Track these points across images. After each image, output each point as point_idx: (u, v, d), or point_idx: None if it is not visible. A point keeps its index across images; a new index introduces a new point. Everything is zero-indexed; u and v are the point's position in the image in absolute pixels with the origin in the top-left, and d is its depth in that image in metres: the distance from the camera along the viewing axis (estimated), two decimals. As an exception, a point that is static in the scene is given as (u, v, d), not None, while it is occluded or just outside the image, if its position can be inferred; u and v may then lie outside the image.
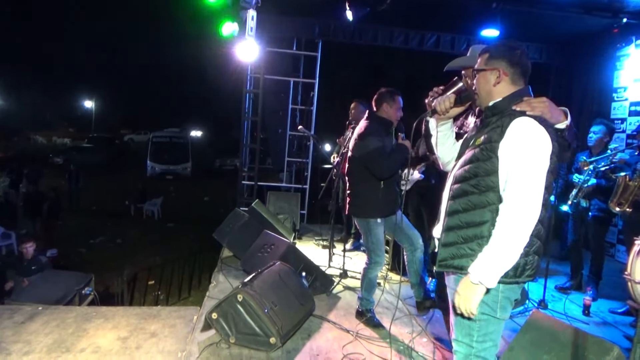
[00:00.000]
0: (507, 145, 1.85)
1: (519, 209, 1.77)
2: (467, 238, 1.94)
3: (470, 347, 1.99)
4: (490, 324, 1.97)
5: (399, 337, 3.48)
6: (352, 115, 5.72)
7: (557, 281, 4.93)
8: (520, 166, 1.80)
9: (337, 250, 5.12)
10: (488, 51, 2.04)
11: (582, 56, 7.19)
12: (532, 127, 1.83)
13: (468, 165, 1.98)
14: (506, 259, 1.79)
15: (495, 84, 1.99)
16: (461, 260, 1.96)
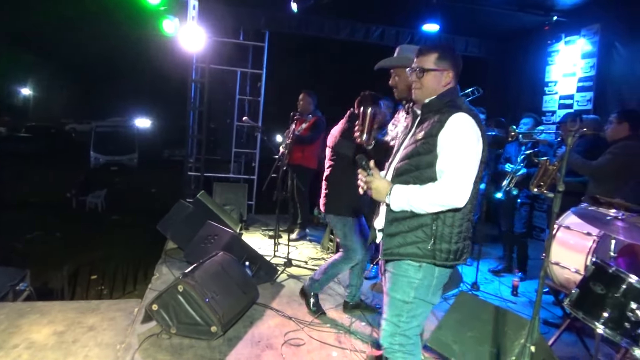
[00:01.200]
0: (445, 136, 1.98)
1: (450, 187, 1.92)
2: (413, 227, 2.06)
3: (397, 327, 2.12)
4: (420, 306, 2.11)
5: (339, 322, 3.60)
6: (301, 106, 5.77)
7: (490, 265, 5.24)
8: (456, 153, 1.94)
9: (283, 240, 5.19)
10: (436, 51, 2.11)
11: (517, 51, 7.58)
12: (468, 121, 1.98)
13: (409, 159, 2.08)
14: (414, 205, 1.97)
15: (445, 84, 2.10)
16: (407, 248, 2.07)
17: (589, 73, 6.12)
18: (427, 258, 2.04)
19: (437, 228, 2.02)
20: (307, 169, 5.84)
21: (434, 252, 2.03)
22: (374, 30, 7.46)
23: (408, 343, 2.13)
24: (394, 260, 2.14)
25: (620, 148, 3.87)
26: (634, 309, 1.93)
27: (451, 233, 2.02)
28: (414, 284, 2.08)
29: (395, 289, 2.12)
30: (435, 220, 2.01)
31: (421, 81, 2.11)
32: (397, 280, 2.12)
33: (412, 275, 2.08)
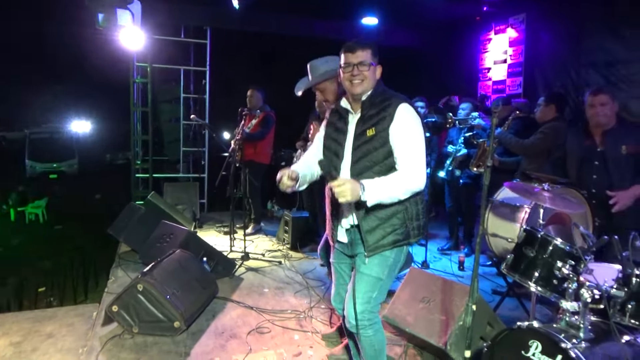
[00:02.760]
0: (397, 127, 2.12)
1: (413, 173, 2.08)
2: (387, 216, 2.19)
3: (368, 303, 2.25)
4: (388, 283, 2.30)
5: (299, 308, 3.73)
6: (249, 102, 5.82)
7: (438, 244, 5.55)
8: (411, 141, 2.11)
9: (239, 236, 5.25)
10: (372, 47, 2.22)
11: (453, 41, 7.95)
12: (411, 110, 2.17)
13: (365, 157, 2.18)
14: (387, 195, 2.05)
15: (379, 76, 2.25)
16: (389, 237, 2.20)
17: (518, 59, 6.55)
18: (405, 240, 2.21)
19: (409, 210, 2.19)
20: (259, 165, 5.91)
21: (409, 232, 2.21)
22: (317, 25, 7.59)
23: (374, 317, 2.30)
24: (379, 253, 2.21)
25: (549, 128, 4.22)
26: (559, 267, 2.18)
27: (418, 211, 2.23)
28: (388, 262, 2.24)
29: (372, 268, 2.23)
30: (404, 204, 2.17)
31: (364, 73, 2.17)
32: (373, 260, 2.22)
33: (388, 255, 2.23)
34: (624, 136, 3.30)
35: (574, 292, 2.12)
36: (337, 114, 2.36)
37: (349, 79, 2.18)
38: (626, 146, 3.24)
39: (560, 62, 5.91)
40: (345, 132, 2.28)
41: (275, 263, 4.80)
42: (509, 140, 4.33)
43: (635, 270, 2.00)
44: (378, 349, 2.34)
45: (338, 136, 2.31)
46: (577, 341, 2.00)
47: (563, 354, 1.95)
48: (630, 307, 2.00)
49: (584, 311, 2.07)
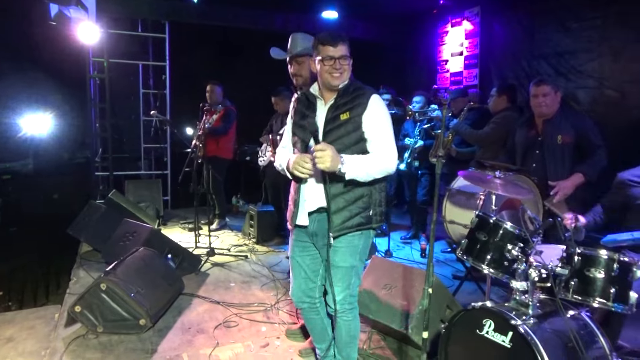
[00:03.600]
0: (370, 115, 2.21)
1: (389, 155, 2.19)
2: (352, 199, 2.25)
3: (347, 290, 2.34)
4: (361, 267, 2.40)
5: (265, 301, 3.78)
6: (209, 97, 5.79)
7: (401, 234, 5.69)
8: (384, 128, 2.22)
9: (204, 232, 5.22)
10: (347, 40, 2.27)
11: (412, 34, 8.10)
12: (381, 100, 2.29)
13: (338, 140, 2.23)
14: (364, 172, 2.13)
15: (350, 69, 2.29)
16: (354, 220, 2.25)
17: (474, 51, 6.75)
18: (369, 224, 2.29)
19: (373, 196, 2.27)
20: (222, 160, 5.90)
21: (372, 217, 2.28)
22: (277, 18, 7.58)
23: (354, 300, 2.40)
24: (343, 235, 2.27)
25: (501, 118, 4.39)
26: (509, 249, 2.31)
27: (381, 198, 2.31)
28: (358, 250, 2.32)
29: (344, 259, 2.30)
30: (369, 190, 2.26)
31: (345, 67, 2.23)
32: (344, 252, 2.29)
33: (356, 244, 2.30)
34: (562, 126, 3.47)
35: (523, 273, 2.26)
36: (306, 102, 2.40)
37: (329, 72, 2.21)
38: (562, 136, 3.42)
39: (513, 54, 6.13)
40: (314, 119, 2.32)
41: (241, 257, 4.82)
42: (465, 131, 4.49)
43: (577, 249, 2.15)
44: (353, 335, 2.44)
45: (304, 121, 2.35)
46: (526, 318, 2.13)
47: (513, 330, 2.08)
48: (573, 284, 2.15)
49: (532, 289, 2.21)
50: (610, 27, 4.90)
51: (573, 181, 3.31)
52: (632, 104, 4.71)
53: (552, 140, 3.48)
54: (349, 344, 2.45)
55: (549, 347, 2.01)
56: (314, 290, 2.47)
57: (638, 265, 2.08)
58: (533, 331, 2.04)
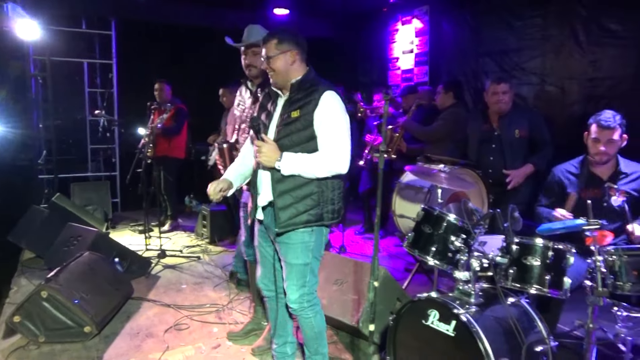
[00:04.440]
0: (321, 112, 2.18)
1: (336, 155, 2.17)
2: (301, 196, 2.24)
3: (303, 287, 2.32)
4: (316, 264, 2.38)
5: (218, 301, 3.72)
6: (158, 96, 5.65)
7: (355, 229, 5.75)
8: (335, 127, 2.18)
9: (155, 234, 5.09)
10: (273, 37, 2.26)
11: (364, 32, 8.17)
12: (337, 98, 2.22)
13: (287, 137, 2.23)
14: (303, 170, 2.16)
15: (291, 63, 2.27)
16: (301, 217, 2.24)
17: (423, 49, 6.89)
18: (318, 222, 2.27)
19: (323, 194, 2.25)
20: (174, 160, 5.77)
21: (323, 215, 2.26)
22: (228, 16, 7.46)
23: (313, 297, 2.38)
24: (290, 231, 2.27)
25: (448, 114, 4.51)
26: (453, 241, 2.37)
27: (333, 196, 2.29)
28: (310, 247, 2.30)
29: (296, 256, 2.29)
30: (320, 187, 2.23)
31: (271, 67, 2.27)
32: (296, 249, 2.28)
33: (307, 240, 2.28)
34: (517, 121, 3.64)
35: (465, 263, 2.32)
36: (269, 97, 2.42)
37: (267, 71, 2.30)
38: (519, 130, 3.59)
39: (461, 52, 6.30)
40: (273, 114, 2.35)
41: (194, 258, 4.73)
42: (413, 127, 4.58)
43: (515, 239, 2.23)
44: (317, 332, 2.42)
45: (266, 118, 2.38)
46: (469, 307, 2.20)
47: (456, 319, 2.14)
48: (512, 272, 2.23)
49: (474, 279, 2.28)
50: (551, 26, 5.11)
51: (524, 171, 3.50)
52: (572, 99, 4.93)
53: (510, 134, 3.64)
54: (315, 339, 2.44)
55: (490, 333, 2.08)
56: (281, 279, 2.44)
57: (571, 252, 2.18)
58: (475, 319, 2.10)
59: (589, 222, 2.07)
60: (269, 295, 2.52)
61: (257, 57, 2.86)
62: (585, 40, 4.69)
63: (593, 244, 2.05)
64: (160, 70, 6.54)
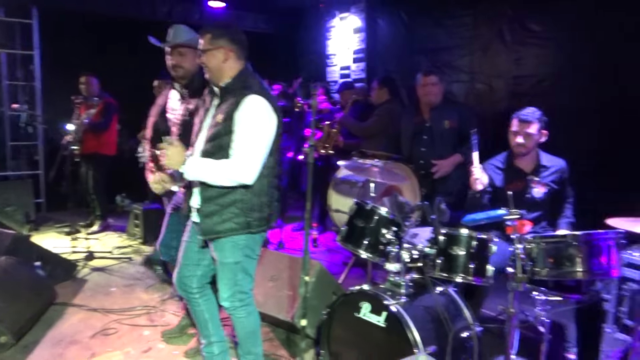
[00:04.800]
0: (239, 117, 2.10)
1: (240, 166, 2.08)
2: (226, 204, 2.16)
3: (235, 285, 2.27)
4: (249, 263, 2.31)
5: (150, 303, 3.58)
6: (85, 90, 5.35)
7: (295, 225, 5.74)
8: (247, 134, 2.09)
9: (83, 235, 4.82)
10: (209, 32, 2.18)
11: (302, 27, 8.16)
12: (260, 103, 2.12)
13: (213, 141, 2.16)
14: (207, 178, 2.12)
15: (224, 60, 2.18)
16: (224, 225, 2.17)
17: (360, 46, 6.97)
18: (244, 229, 2.19)
19: (248, 201, 2.17)
20: (104, 157, 5.49)
21: (249, 223, 2.18)
22: (161, 7, 7.20)
23: (246, 297, 2.32)
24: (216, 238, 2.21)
25: (383, 110, 4.58)
26: (384, 234, 2.41)
27: (260, 203, 2.20)
28: (240, 246, 2.23)
29: (226, 255, 2.23)
30: (246, 195, 2.15)
31: (204, 62, 2.20)
32: (225, 247, 2.22)
33: (236, 239, 2.22)
34: (447, 113, 3.77)
35: (396, 255, 2.37)
36: (211, 96, 2.34)
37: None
38: (449, 121, 3.71)
39: (396, 49, 6.43)
40: (207, 115, 2.29)
41: (125, 260, 4.52)
42: (350, 123, 4.63)
43: (442, 230, 2.30)
44: (250, 331, 2.38)
45: (204, 117, 2.32)
46: (399, 297, 2.24)
47: (387, 311, 2.18)
48: (440, 262, 2.29)
49: (404, 270, 2.33)
50: (479, 25, 5.32)
51: (452, 161, 3.62)
52: (499, 96, 5.16)
53: (440, 125, 3.76)
54: (247, 339, 2.40)
55: (419, 323, 2.13)
56: (192, 279, 2.39)
57: (493, 242, 2.28)
58: (405, 310, 2.15)
59: (510, 212, 2.16)
60: (188, 296, 2.44)
61: (184, 58, 2.80)
62: (511, 39, 4.92)
63: (513, 232, 2.15)
64: (87, 62, 6.18)
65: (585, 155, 3.68)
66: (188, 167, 2.09)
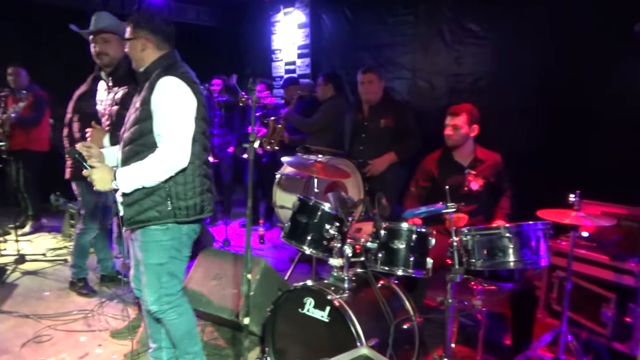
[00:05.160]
0: (155, 100, 2.04)
1: (169, 151, 2.00)
2: (147, 193, 2.09)
3: (160, 288, 2.19)
4: (175, 264, 2.22)
5: (87, 307, 3.43)
6: (15, 82, 5.02)
7: (240, 222, 5.68)
8: (168, 115, 2.02)
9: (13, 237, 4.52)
10: (132, 21, 2.15)
11: (246, 21, 8.04)
12: (176, 83, 2.05)
13: (133, 127, 2.10)
14: (143, 181, 2.03)
15: (142, 50, 2.15)
16: (147, 213, 2.09)
17: (305, 41, 6.96)
18: (169, 218, 2.11)
19: (171, 189, 2.10)
20: (35, 153, 5.18)
21: (174, 211, 2.11)
22: (96, -4, 6.86)
23: (174, 299, 2.25)
24: (138, 228, 2.15)
25: (328, 106, 4.61)
26: (327, 229, 2.42)
27: (185, 190, 2.13)
28: (165, 246, 2.15)
29: (149, 256, 2.16)
30: (167, 182, 2.09)
31: (129, 49, 2.19)
32: (149, 247, 2.15)
33: (161, 239, 2.14)
34: (384, 111, 3.82)
35: (339, 250, 2.39)
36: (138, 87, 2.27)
37: None
38: (384, 120, 3.77)
39: (340, 45, 6.47)
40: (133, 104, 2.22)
41: (60, 262, 4.30)
42: (295, 119, 4.62)
43: (383, 224, 2.34)
44: (185, 332, 2.32)
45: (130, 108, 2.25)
46: (342, 292, 2.27)
47: (330, 305, 2.20)
48: (381, 256, 2.33)
49: (347, 265, 2.36)
50: (420, 24, 5.44)
51: (385, 159, 3.68)
52: (439, 93, 5.31)
53: (376, 124, 3.80)
54: (183, 340, 2.34)
55: (362, 316, 2.17)
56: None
57: (432, 235, 2.35)
58: (347, 304, 2.18)
59: (447, 205, 2.24)
60: (138, 294, 2.38)
61: (108, 45, 2.71)
62: (450, 38, 5.07)
63: (450, 225, 2.22)
64: (15, 52, 5.81)
65: (518, 150, 3.86)
66: (119, 181, 2.01)
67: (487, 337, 2.85)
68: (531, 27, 4.11)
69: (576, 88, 3.74)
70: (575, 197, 2.44)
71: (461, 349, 2.88)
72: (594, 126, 3.63)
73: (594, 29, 3.59)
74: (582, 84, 3.71)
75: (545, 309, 3.05)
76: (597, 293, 2.72)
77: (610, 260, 2.71)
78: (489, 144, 3.21)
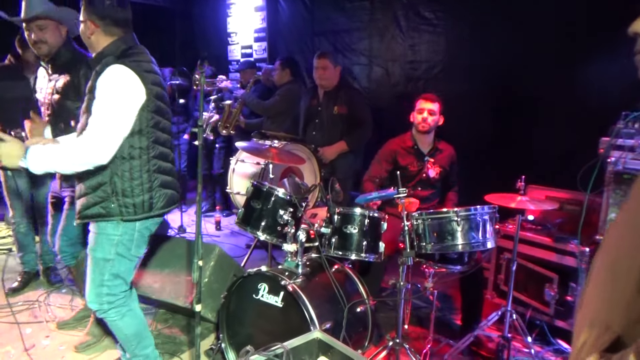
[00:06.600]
0: (97, 87, 1.93)
1: (88, 145, 1.87)
2: (93, 187, 2.00)
3: (102, 286, 2.09)
4: (122, 263, 2.10)
5: (32, 297, 3.30)
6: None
7: (197, 208, 5.58)
8: (102, 107, 1.90)
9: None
10: (84, 3, 2.03)
11: (201, 3, 7.82)
12: (122, 72, 1.92)
13: (83, 117, 2.01)
14: (56, 167, 1.89)
15: (90, 34, 2.04)
16: (92, 209, 2.01)
17: (262, 25, 6.85)
18: (114, 216, 2.02)
19: (116, 184, 2.00)
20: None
21: (119, 208, 2.02)
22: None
23: (116, 299, 2.14)
24: (86, 221, 2.07)
25: (285, 90, 4.57)
26: (281, 215, 2.42)
27: (131, 187, 2.02)
28: (113, 241, 2.06)
29: (96, 248, 2.07)
30: (112, 177, 2.00)
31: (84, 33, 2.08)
32: (98, 239, 2.07)
33: (111, 233, 2.05)
34: (339, 98, 3.83)
35: (293, 235, 2.39)
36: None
37: None
38: (337, 107, 3.79)
39: (297, 30, 6.40)
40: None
41: (4, 251, 4.10)
42: (252, 102, 4.56)
43: (336, 209, 2.37)
44: (129, 334, 2.23)
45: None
46: (296, 277, 2.28)
47: (284, 290, 2.21)
48: (334, 241, 2.36)
49: (301, 250, 2.37)
50: (377, 10, 5.46)
51: (335, 148, 3.71)
52: (395, 80, 5.37)
53: (329, 110, 3.80)
54: (128, 342, 2.26)
55: (315, 300, 2.19)
56: None
57: (384, 219, 2.39)
58: (301, 288, 2.19)
59: (399, 191, 2.28)
60: None
61: (45, 32, 2.54)
62: (406, 25, 5.12)
63: (402, 210, 2.27)
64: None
65: (469, 137, 3.97)
66: (30, 160, 1.83)
67: (438, 318, 2.95)
68: (484, 16, 4.20)
69: (525, 78, 3.86)
70: (521, 182, 2.54)
71: (414, 329, 2.98)
72: (541, 113, 3.78)
73: (545, 20, 3.71)
74: (530, 73, 3.84)
75: (494, 289, 3.18)
76: (541, 273, 2.87)
77: (553, 242, 2.86)
78: (442, 130, 3.29)
